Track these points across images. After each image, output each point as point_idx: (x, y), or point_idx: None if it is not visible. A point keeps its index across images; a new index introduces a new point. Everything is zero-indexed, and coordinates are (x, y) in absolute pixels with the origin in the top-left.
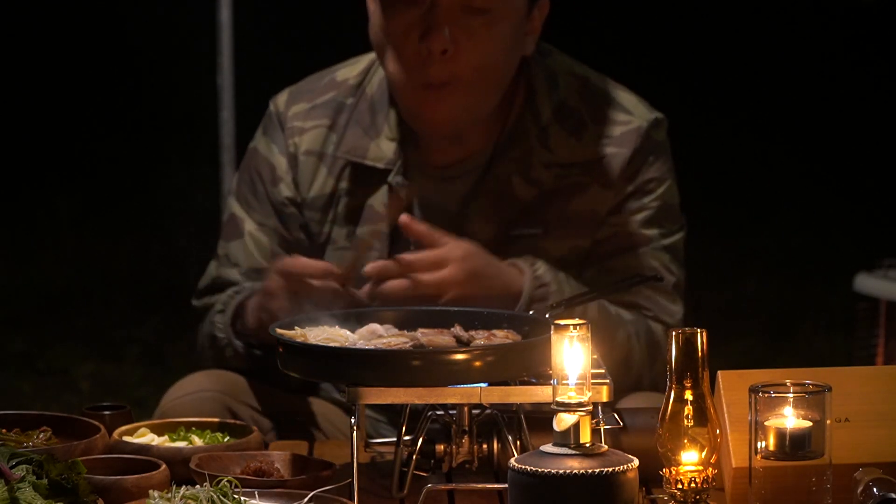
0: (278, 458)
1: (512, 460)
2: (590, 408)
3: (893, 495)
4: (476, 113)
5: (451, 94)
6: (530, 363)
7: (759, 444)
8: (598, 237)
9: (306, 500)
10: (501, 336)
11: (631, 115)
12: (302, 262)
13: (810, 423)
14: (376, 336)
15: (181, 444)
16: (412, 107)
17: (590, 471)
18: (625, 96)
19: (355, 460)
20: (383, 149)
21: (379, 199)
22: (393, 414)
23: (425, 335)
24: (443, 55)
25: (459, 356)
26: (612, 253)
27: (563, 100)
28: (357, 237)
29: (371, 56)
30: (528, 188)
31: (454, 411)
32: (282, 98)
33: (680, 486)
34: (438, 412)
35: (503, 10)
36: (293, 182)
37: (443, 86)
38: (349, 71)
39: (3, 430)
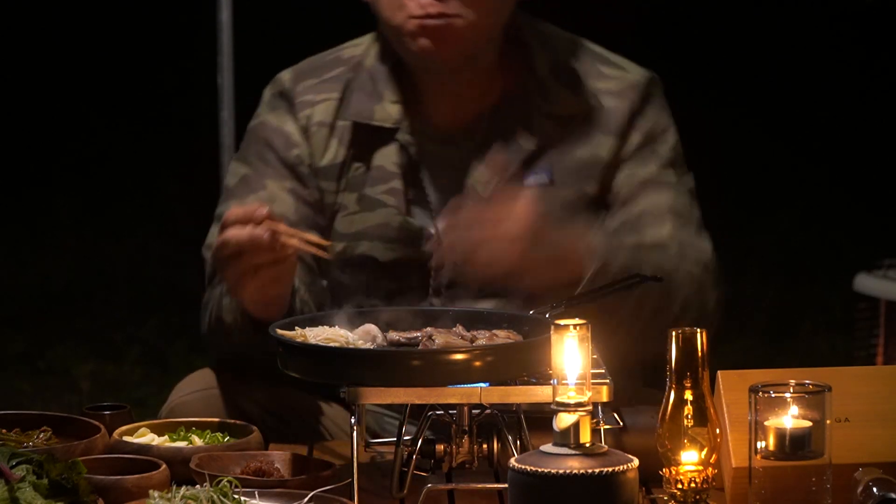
0: (278, 458)
1: (512, 460)
2: (590, 408)
3: (893, 495)
4: (475, 50)
5: (449, 30)
6: (530, 363)
7: (758, 444)
8: (620, 182)
9: (306, 500)
10: (503, 336)
11: (626, 71)
12: (232, 211)
13: (810, 423)
14: (371, 336)
15: (181, 444)
16: (413, 45)
17: (590, 471)
18: (617, 57)
19: (355, 460)
20: (388, 110)
21: (389, 158)
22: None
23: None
24: None
25: (459, 356)
26: (635, 193)
27: (557, 58)
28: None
29: (368, 37)
30: (530, 138)
31: (454, 411)
32: (286, 76)
33: (680, 486)
34: (438, 412)
35: None
36: (307, 149)
37: (440, 20)
38: (352, 50)
39: (3, 430)
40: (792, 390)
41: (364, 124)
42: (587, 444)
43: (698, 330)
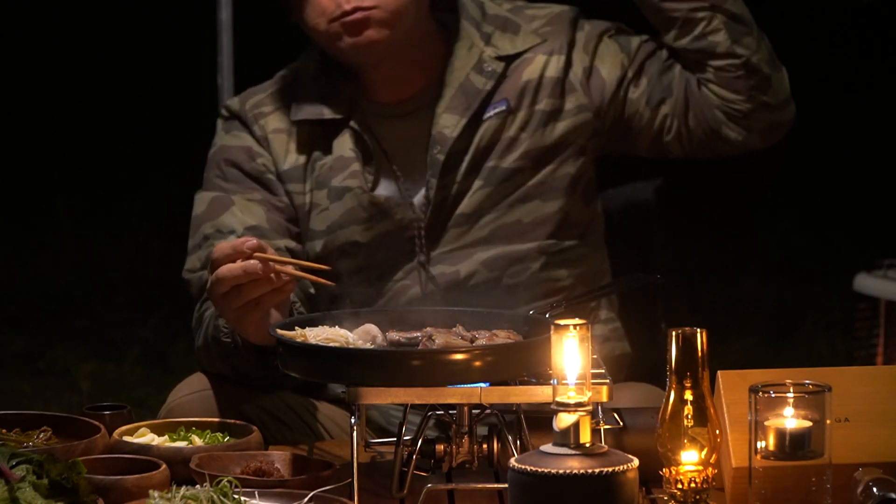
0: (278, 458)
1: (512, 460)
2: (590, 408)
3: (893, 495)
4: (403, 34)
5: (369, 23)
6: (530, 363)
7: (758, 444)
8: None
9: (306, 500)
10: (503, 336)
11: (550, 8)
12: (218, 247)
13: (810, 423)
14: (371, 336)
15: (181, 444)
16: (342, 46)
17: (590, 471)
18: (535, 5)
19: (355, 460)
20: (338, 103)
21: (346, 145)
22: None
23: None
24: None
25: (459, 356)
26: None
27: (487, 13)
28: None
29: (303, 54)
30: (484, 79)
31: (454, 411)
32: (233, 101)
33: (680, 486)
34: (438, 412)
35: None
36: (269, 157)
37: (358, 15)
38: (292, 67)
39: (3, 430)
40: (792, 390)
41: (317, 121)
42: (587, 444)
43: (698, 330)
